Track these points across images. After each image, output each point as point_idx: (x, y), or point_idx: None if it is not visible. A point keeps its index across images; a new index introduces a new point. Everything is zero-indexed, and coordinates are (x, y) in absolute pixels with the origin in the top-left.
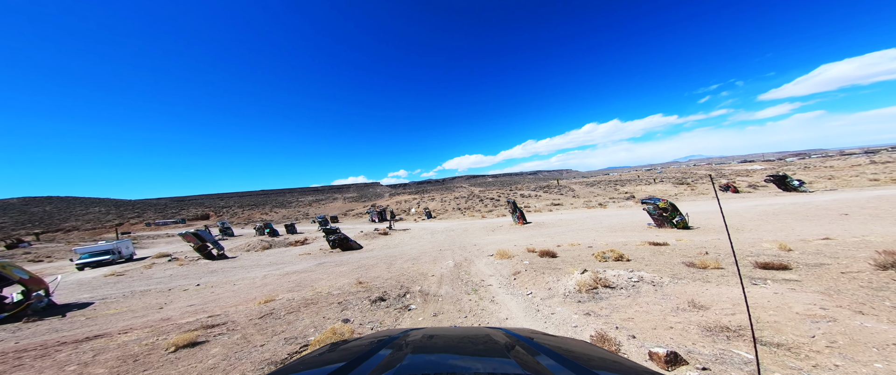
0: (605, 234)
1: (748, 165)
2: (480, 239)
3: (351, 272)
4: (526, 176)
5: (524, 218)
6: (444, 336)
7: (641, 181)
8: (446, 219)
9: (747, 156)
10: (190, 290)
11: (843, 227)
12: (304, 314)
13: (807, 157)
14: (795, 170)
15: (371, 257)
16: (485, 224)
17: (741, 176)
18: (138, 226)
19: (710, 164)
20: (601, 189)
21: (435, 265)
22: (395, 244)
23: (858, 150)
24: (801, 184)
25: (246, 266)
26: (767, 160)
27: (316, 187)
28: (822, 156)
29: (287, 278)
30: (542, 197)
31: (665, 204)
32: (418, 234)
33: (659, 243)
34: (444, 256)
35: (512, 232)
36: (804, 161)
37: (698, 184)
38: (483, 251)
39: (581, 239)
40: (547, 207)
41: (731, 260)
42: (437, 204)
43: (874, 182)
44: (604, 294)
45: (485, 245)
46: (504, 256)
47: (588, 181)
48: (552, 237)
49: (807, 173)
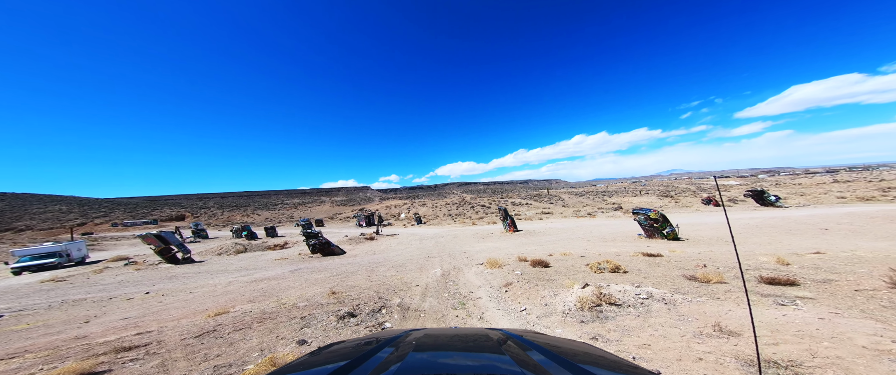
0: (597, 244)
1: (724, 180)
2: (470, 246)
3: (327, 280)
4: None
5: (515, 225)
6: (443, 336)
7: (628, 193)
8: (437, 225)
9: (723, 171)
10: (135, 299)
11: (828, 242)
12: (255, 332)
13: (776, 174)
14: (768, 187)
15: (353, 263)
16: (475, 231)
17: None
18: (103, 227)
19: (689, 179)
20: (590, 199)
21: (421, 273)
22: (380, 250)
23: (821, 169)
24: (778, 200)
25: (212, 271)
26: (741, 176)
27: (303, 190)
28: (790, 173)
29: (254, 286)
30: (532, 205)
31: (656, 216)
32: (406, 240)
33: (653, 254)
34: (432, 264)
35: (503, 239)
36: (774, 178)
37: (681, 196)
38: (473, 259)
39: (573, 249)
40: (537, 216)
41: (733, 273)
42: (427, 210)
43: (841, 199)
44: (609, 312)
45: (475, 252)
46: (494, 265)
47: (577, 191)
48: (543, 245)
49: (779, 189)
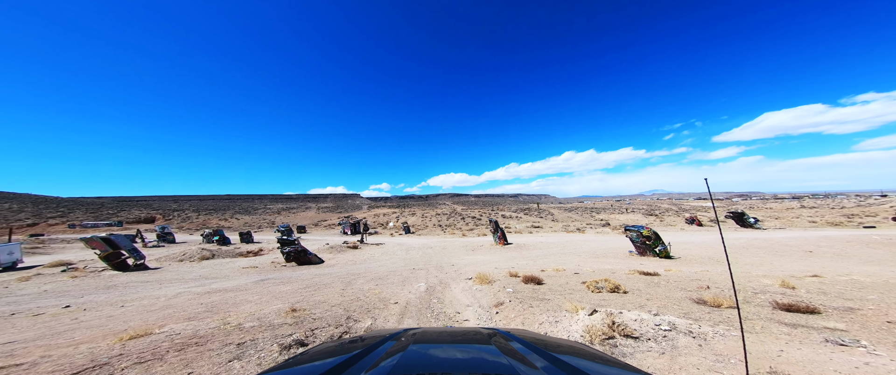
0: (589, 260)
1: (703, 202)
2: (459, 258)
3: (293, 293)
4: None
5: (505, 238)
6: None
7: (614, 210)
8: (425, 236)
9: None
10: (43, 316)
11: (819, 264)
12: (163, 367)
13: (749, 198)
14: (745, 209)
15: (328, 274)
16: (465, 242)
17: (700, 211)
18: (59, 228)
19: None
20: (578, 215)
21: (403, 288)
22: (362, 259)
23: (788, 195)
24: (757, 222)
25: (164, 280)
26: (718, 199)
27: (289, 195)
28: (760, 198)
29: (204, 299)
30: (522, 219)
31: (649, 233)
32: (391, 250)
33: (649, 272)
34: (416, 277)
35: (492, 252)
36: (747, 201)
37: (665, 216)
38: (461, 273)
39: (565, 264)
40: (527, 229)
41: (741, 296)
42: (417, 220)
43: (813, 223)
44: (626, 346)
45: (463, 266)
46: (484, 281)
47: (565, 207)
48: (534, 260)
49: (753, 213)
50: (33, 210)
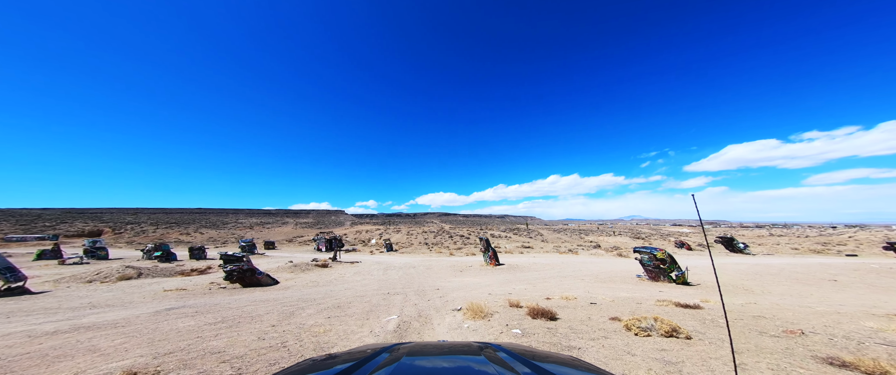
0: (596, 285)
1: (679, 227)
2: (445, 280)
3: (189, 332)
4: (494, 218)
5: (497, 259)
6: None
7: (601, 232)
8: (409, 254)
9: (676, 220)
10: None
11: (873, 297)
12: None
13: (718, 226)
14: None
15: (271, 301)
16: (452, 262)
17: (682, 236)
18: None
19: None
20: (567, 236)
21: (365, 323)
22: (327, 281)
23: (751, 224)
24: (746, 247)
25: (28, 310)
26: (691, 225)
27: (268, 210)
28: (728, 226)
29: (43, 342)
30: (512, 238)
31: (663, 255)
32: (367, 269)
33: (688, 304)
34: (389, 305)
35: (483, 274)
36: (718, 229)
37: (650, 239)
38: (447, 300)
39: (572, 291)
40: (518, 249)
41: (887, 354)
42: (402, 237)
43: (796, 250)
44: None
45: (450, 290)
46: (478, 314)
47: (553, 228)
48: (533, 284)
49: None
50: None
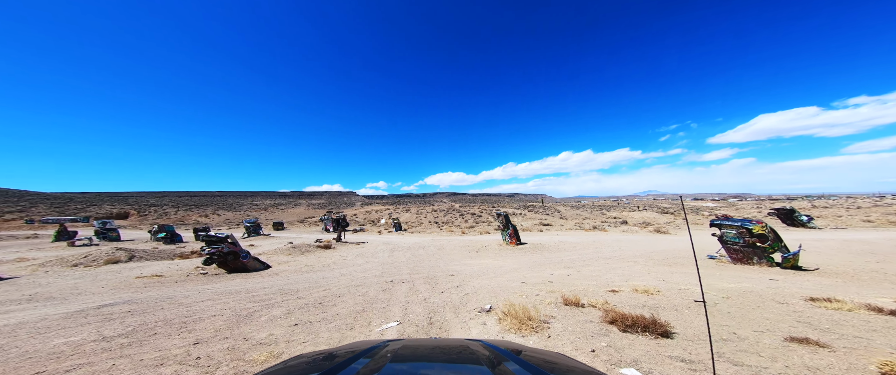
0: (661, 270)
1: (702, 202)
2: (460, 263)
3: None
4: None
5: (518, 237)
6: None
7: (623, 208)
8: (419, 233)
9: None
10: None
11: None
12: None
13: (744, 199)
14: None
15: (244, 292)
16: (465, 242)
17: (709, 211)
18: (15, 223)
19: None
20: (587, 212)
21: (349, 332)
22: (323, 265)
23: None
24: (810, 220)
25: None
26: (714, 199)
27: (283, 192)
28: (755, 199)
29: None
30: (527, 216)
31: (763, 230)
32: (372, 250)
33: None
34: (391, 300)
35: (505, 255)
36: (744, 202)
37: (679, 214)
38: (468, 292)
39: (638, 278)
40: (536, 227)
41: None
42: (411, 216)
43: (869, 222)
44: None
45: (469, 276)
46: (525, 323)
47: (569, 205)
48: (575, 268)
49: (755, 211)
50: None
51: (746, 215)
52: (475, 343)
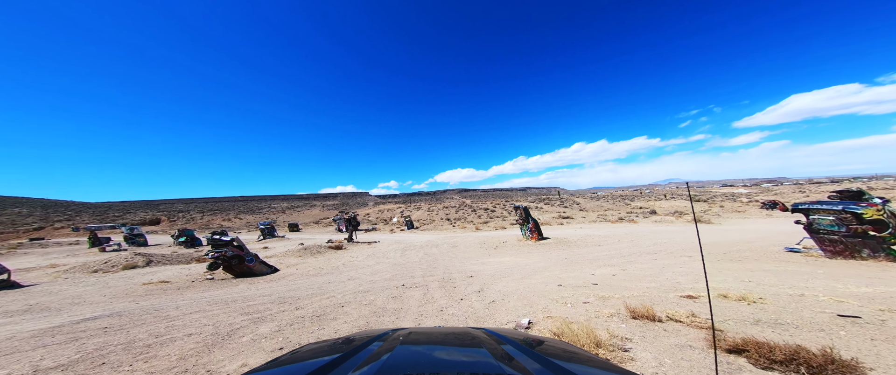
0: (733, 266)
1: (732, 189)
2: (478, 262)
3: None
4: (516, 191)
5: (540, 231)
6: None
7: (648, 197)
8: (431, 231)
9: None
10: None
11: None
12: None
13: (780, 184)
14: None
15: (239, 302)
16: (481, 238)
17: (743, 197)
18: (63, 231)
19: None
20: (609, 203)
21: None
22: (333, 266)
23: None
24: (885, 203)
25: None
26: (746, 185)
27: (300, 195)
28: (794, 183)
29: None
30: (544, 209)
31: (881, 214)
32: (383, 250)
33: None
34: (402, 310)
35: (527, 252)
36: (780, 187)
37: (715, 202)
38: (491, 297)
39: (712, 279)
40: (555, 220)
41: None
42: (422, 214)
43: None
44: None
45: (490, 278)
46: (584, 346)
47: (589, 196)
48: (614, 266)
49: (793, 198)
50: (42, 214)
51: (791, 199)
52: (475, 329)
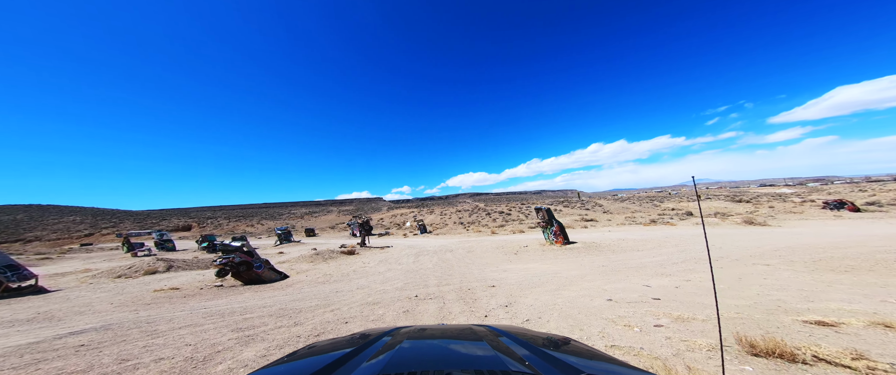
0: (827, 276)
1: (773, 188)
2: (499, 269)
3: None
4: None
5: (565, 235)
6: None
7: (680, 197)
8: (444, 235)
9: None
10: None
11: None
12: None
13: (830, 182)
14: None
15: (239, 313)
16: (498, 242)
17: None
18: (109, 237)
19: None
20: (636, 205)
21: None
22: (344, 273)
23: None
24: None
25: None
26: (788, 184)
27: (318, 201)
28: (846, 182)
29: None
30: (563, 212)
31: None
32: (396, 256)
33: None
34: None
35: (552, 257)
36: (828, 186)
37: (761, 202)
38: (523, 315)
39: (820, 296)
40: (578, 223)
41: None
42: (435, 218)
43: None
44: None
45: (516, 288)
46: None
47: (609, 197)
48: (667, 275)
49: (857, 196)
50: (91, 221)
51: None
52: (478, 326)
